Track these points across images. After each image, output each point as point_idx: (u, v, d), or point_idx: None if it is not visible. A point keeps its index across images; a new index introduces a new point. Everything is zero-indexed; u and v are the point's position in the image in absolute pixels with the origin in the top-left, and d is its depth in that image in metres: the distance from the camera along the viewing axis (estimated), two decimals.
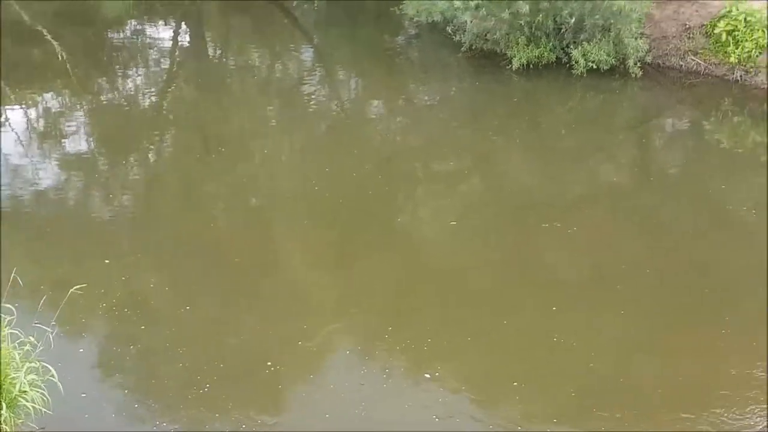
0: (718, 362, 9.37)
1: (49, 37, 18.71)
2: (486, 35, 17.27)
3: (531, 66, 16.87)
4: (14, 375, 7.34)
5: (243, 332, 9.78)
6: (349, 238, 11.85)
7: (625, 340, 9.78)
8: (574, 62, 16.49)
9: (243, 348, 9.51)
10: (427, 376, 9.16)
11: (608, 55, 16.46)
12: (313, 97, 17.11)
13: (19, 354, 7.51)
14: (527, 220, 12.25)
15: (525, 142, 15.15)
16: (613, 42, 16.53)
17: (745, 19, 16.43)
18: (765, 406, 8.74)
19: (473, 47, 17.42)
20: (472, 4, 16.07)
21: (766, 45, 16.20)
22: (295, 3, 23.98)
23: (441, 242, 11.88)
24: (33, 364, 7.52)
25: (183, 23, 21.68)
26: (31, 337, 7.70)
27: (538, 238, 11.86)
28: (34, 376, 7.46)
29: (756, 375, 9.13)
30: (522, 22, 16.33)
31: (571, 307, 10.24)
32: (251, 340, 9.67)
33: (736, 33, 16.53)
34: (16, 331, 7.74)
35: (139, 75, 17.79)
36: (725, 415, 8.63)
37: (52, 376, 7.60)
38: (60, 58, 17.66)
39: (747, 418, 8.62)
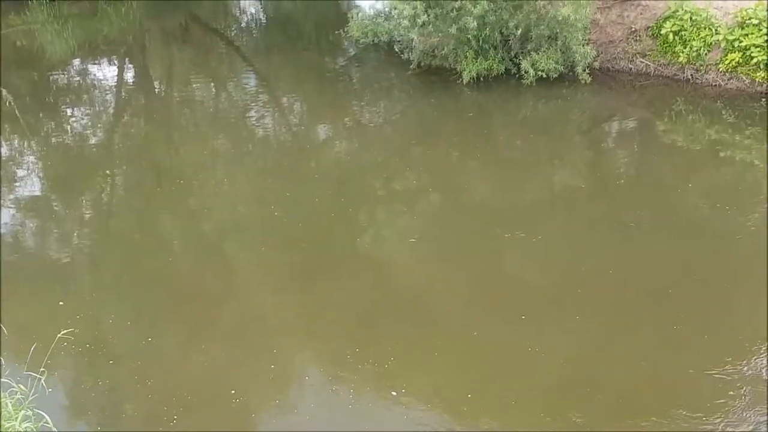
0: (678, 363, 9.33)
1: None
2: (434, 51, 17.25)
3: (481, 79, 16.89)
4: (8, 425, 7.26)
5: (208, 362, 9.55)
6: (311, 261, 11.62)
7: (591, 344, 9.75)
8: (523, 72, 16.52)
9: (209, 377, 9.30)
10: (394, 393, 9.05)
11: (557, 63, 16.52)
12: (262, 123, 16.91)
13: (11, 402, 7.48)
14: (490, 232, 12.13)
15: (481, 155, 15.08)
16: (561, 50, 16.59)
17: (690, 18, 16.58)
18: (720, 402, 8.77)
19: (422, 64, 17.39)
20: (419, 21, 16.00)
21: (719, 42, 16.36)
22: (234, 32, 24.02)
23: (404, 260, 11.75)
24: (27, 412, 7.48)
25: (127, 60, 21.46)
26: (21, 386, 7.64)
27: (502, 248, 11.78)
28: (28, 424, 7.41)
29: (711, 375, 9.13)
30: (469, 36, 16.32)
31: (539, 315, 10.16)
32: (216, 369, 9.44)
33: (683, 33, 16.69)
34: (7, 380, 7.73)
35: (87, 114, 17.49)
36: (684, 415, 8.62)
37: (47, 422, 7.52)
38: (7, 104, 17.31)
39: (704, 417, 8.63)
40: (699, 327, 9.88)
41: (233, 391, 9.06)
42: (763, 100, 15.98)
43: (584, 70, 16.55)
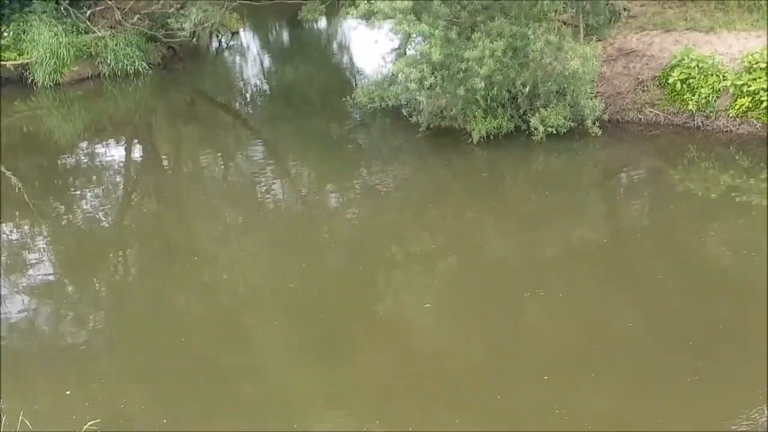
0: (702, 421, 9.11)
1: (3, 169, 18.34)
2: (442, 113, 17.19)
3: (491, 137, 16.76)
4: None
5: None
6: (329, 332, 11.39)
7: (615, 403, 9.54)
8: (533, 129, 16.39)
9: None
10: None
11: (566, 118, 16.41)
12: (272, 193, 16.79)
13: None
14: (509, 291, 11.98)
15: (496, 213, 14.97)
16: (570, 105, 16.48)
17: (697, 65, 16.54)
18: None
19: (431, 126, 17.29)
20: (426, 84, 15.95)
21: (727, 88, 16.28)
22: (239, 104, 24.08)
23: (424, 326, 11.59)
24: None
25: (134, 139, 21.46)
26: None
27: (523, 308, 11.62)
28: None
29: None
30: (477, 96, 16.26)
31: (562, 375, 9.96)
32: None
33: (691, 81, 16.65)
34: None
35: (97, 195, 17.33)
36: None
37: None
38: (16, 190, 17.24)
39: None
40: (722, 379, 9.69)
41: None
42: None
43: (594, 123, 16.41)
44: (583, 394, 9.62)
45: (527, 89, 16.36)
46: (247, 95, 25.30)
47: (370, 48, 22.88)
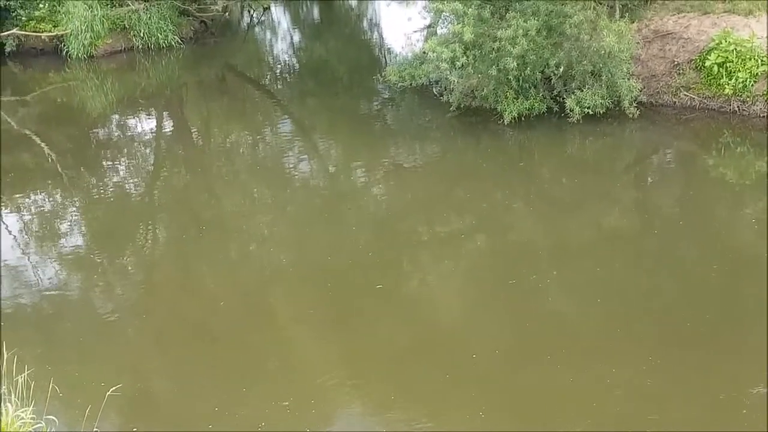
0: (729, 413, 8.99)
1: (37, 140, 18.50)
2: (473, 92, 17.05)
3: (522, 118, 16.58)
4: None
5: (249, 412, 9.44)
6: (352, 307, 11.48)
7: (632, 391, 9.42)
8: (569, 110, 16.11)
9: (251, 426, 9.20)
10: None
11: (602, 98, 16.15)
12: (300, 169, 16.84)
13: None
14: (535, 275, 11.85)
15: (525, 195, 14.87)
16: (606, 85, 16.23)
17: (735, 49, 16.27)
18: None
19: (461, 106, 17.15)
20: (458, 63, 15.82)
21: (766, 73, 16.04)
22: (268, 80, 24.10)
23: (444, 305, 11.64)
24: None
25: (165, 112, 21.54)
26: None
27: (546, 291, 11.53)
28: None
29: None
30: (510, 76, 16.10)
31: (581, 361, 9.92)
32: (257, 419, 9.31)
33: (728, 64, 16.37)
34: None
35: (127, 167, 17.49)
36: None
37: None
38: (49, 160, 17.41)
39: None
40: (745, 370, 9.56)
41: None
42: None
43: (631, 104, 16.16)
44: (597, 381, 9.56)
45: (561, 69, 16.16)
46: (277, 71, 25.34)
47: (400, 26, 22.77)
